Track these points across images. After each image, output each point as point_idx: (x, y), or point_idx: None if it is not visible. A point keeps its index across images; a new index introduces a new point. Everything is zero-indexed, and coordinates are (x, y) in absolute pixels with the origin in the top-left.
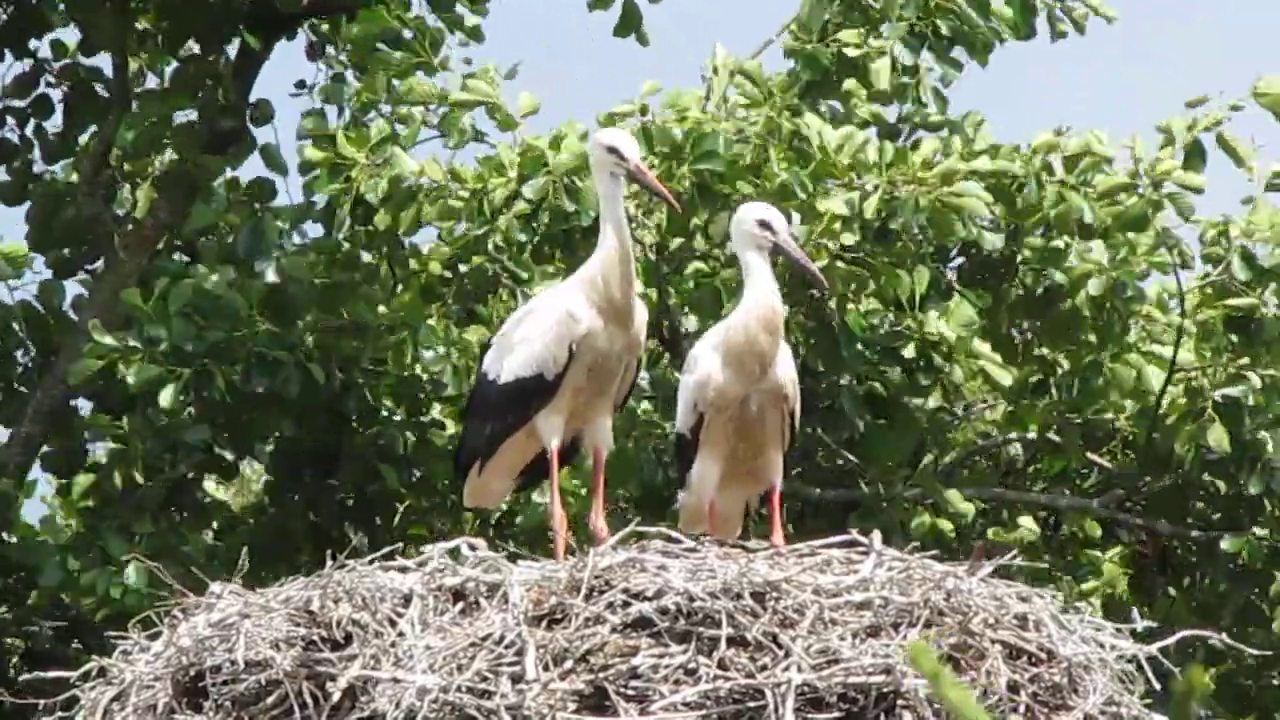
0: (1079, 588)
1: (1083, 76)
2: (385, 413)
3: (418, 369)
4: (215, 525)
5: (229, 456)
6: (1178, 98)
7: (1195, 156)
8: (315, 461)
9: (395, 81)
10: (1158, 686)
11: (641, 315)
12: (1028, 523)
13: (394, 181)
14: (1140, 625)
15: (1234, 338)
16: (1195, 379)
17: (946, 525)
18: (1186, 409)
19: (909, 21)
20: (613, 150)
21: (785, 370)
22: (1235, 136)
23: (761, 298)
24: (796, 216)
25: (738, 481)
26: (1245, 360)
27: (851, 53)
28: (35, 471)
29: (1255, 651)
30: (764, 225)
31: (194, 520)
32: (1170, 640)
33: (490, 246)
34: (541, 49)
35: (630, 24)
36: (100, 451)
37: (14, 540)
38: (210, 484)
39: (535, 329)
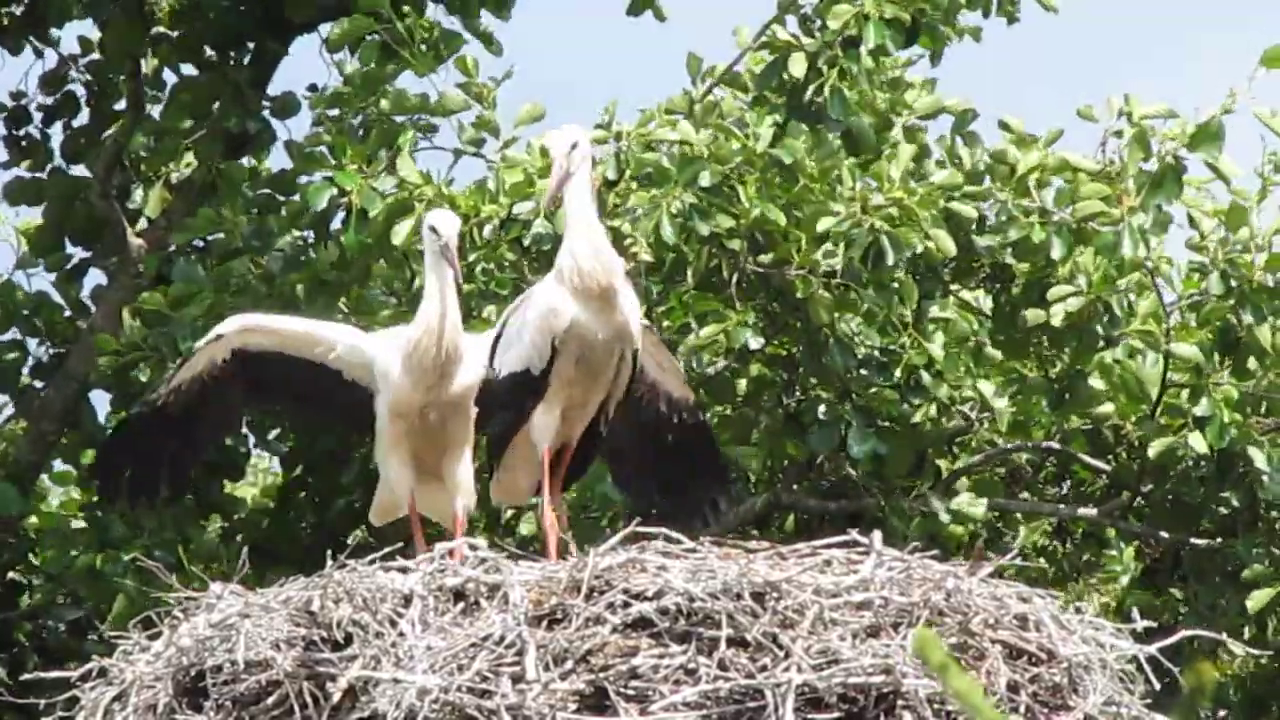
0: (1091, 584)
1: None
2: None
3: None
4: (225, 522)
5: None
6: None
7: (1170, 177)
8: (324, 463)
9: (383, 103)
10: (1158, 686)
11: (630, 301)
12: (1035, 531)
13: (392, 205)
14: (1140, 625)
15: (1226, 358)
16: (1174, 394)
17: (958, 530)
18: (1164, 423)
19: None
20: (432, 229)
21: (466, 378)
22: (1220, 156)
23: (430, 311)
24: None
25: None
26: (1226, 374)
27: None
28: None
29: (1256, 653)
30: (433, 230)
31: (204, 513)
32: (1170, 640)
33: (479, 271)
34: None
35: (643, 3)
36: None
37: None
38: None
39: (524, 320)
